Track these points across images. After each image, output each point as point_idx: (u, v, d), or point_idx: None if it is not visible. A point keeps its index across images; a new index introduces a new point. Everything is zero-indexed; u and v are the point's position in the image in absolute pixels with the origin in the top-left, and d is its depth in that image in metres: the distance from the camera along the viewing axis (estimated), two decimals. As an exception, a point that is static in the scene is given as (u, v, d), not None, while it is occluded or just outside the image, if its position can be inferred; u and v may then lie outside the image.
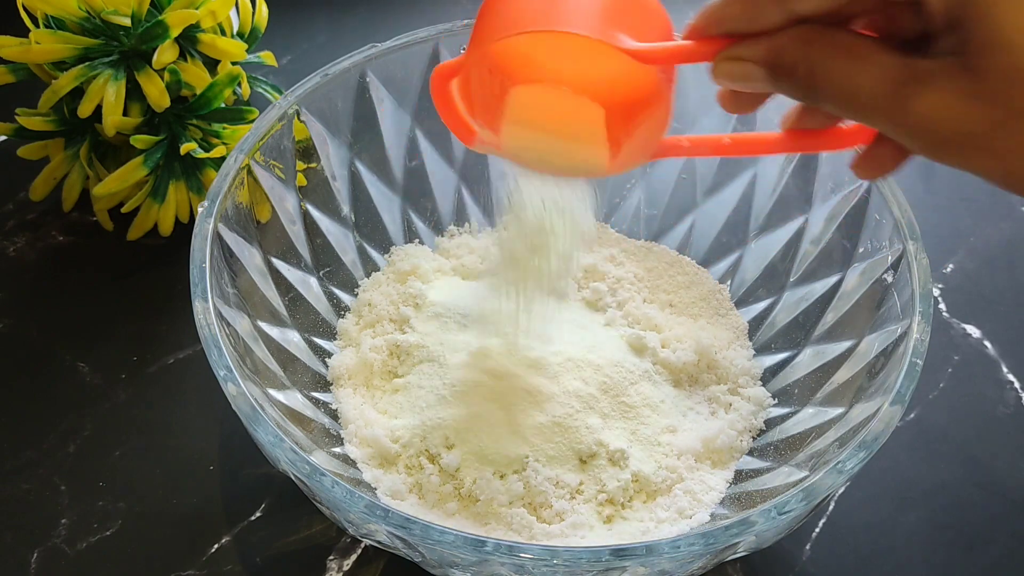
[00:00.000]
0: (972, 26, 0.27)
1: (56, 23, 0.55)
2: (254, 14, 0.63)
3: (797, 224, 0.52)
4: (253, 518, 0.48)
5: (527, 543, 0.39)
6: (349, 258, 0.55)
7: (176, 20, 0.53)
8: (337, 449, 0.47)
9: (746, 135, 0.40)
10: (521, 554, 0.36)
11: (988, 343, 0.56)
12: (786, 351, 0.51)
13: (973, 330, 0.57)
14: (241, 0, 0.62)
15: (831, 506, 0.49)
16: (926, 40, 0.29)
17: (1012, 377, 0.55)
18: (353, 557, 0.47)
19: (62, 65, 0.55)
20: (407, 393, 0.49)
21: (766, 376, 0.52)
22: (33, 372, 0.54)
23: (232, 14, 0.61)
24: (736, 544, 0.37)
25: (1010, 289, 0.59)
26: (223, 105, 0.57)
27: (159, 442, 0.51)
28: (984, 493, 0.50)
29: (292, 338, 0.50)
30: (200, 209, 0.45)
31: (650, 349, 0.51)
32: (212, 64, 0.58)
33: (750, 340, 0.53)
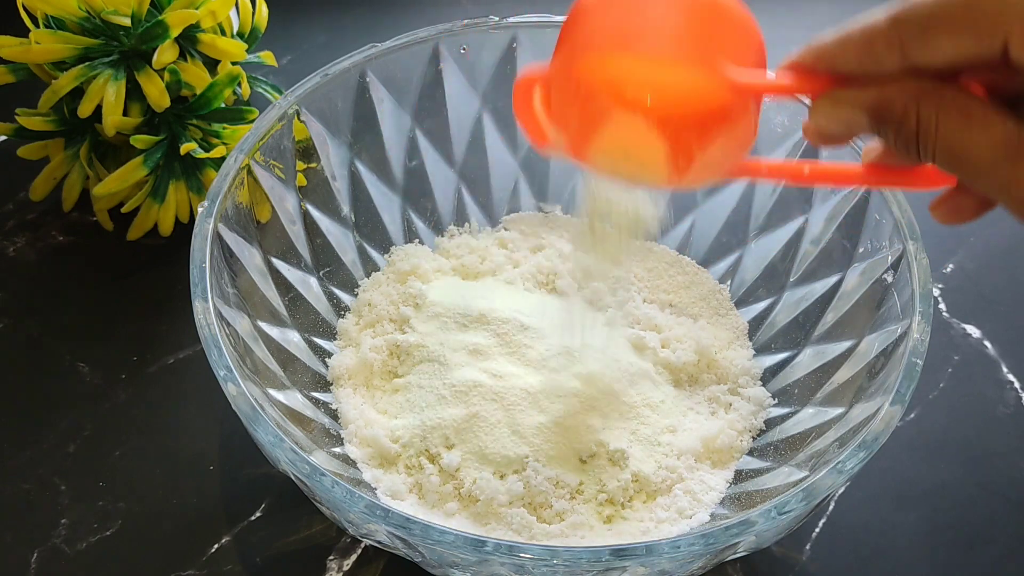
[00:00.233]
0: None
1: (56, 23, 0.55)
2: (254, 14, 0.63)
3: (797, 224, 0.52)
4: (253, 518, 0.48)
5: (527, 543, 0.39)
6: (349, 258, 0.55)
7: (176, 20, 0.53)
8: (337, 449, 0.47)
9: (826, 166, 0.39)
10: (521, 554, 0.36)
11: (988, 343, 0.56)
12: (786, 351, 0.51)
13: (973, 330, 0.57)
14: (241, 0, 0.62)
15: (831, 506, 0.49)
16: None
17: (1012, 377, 0.55)
18: (353, 557, 0.47)
19: (62, 65, 0.55)
20: (407, 393, 0.49)
21: (766, 376, 0.52)
22: (33, 372, 0.54)
23: (232, 14, 0.61)
24: (736, 544, 0.37)
25: (1010, 289, 0.59)
26: (223, 105, 0.57)
27: (159, 442, 0.51)
28: (984, 493, 0.50)
29: (292, 338, 0.50)
30: (200, 209, 0.45)
31: (650, 349, 0.51)
32: (212, 64, 0.58)
33: (750, 340, 0.53)
